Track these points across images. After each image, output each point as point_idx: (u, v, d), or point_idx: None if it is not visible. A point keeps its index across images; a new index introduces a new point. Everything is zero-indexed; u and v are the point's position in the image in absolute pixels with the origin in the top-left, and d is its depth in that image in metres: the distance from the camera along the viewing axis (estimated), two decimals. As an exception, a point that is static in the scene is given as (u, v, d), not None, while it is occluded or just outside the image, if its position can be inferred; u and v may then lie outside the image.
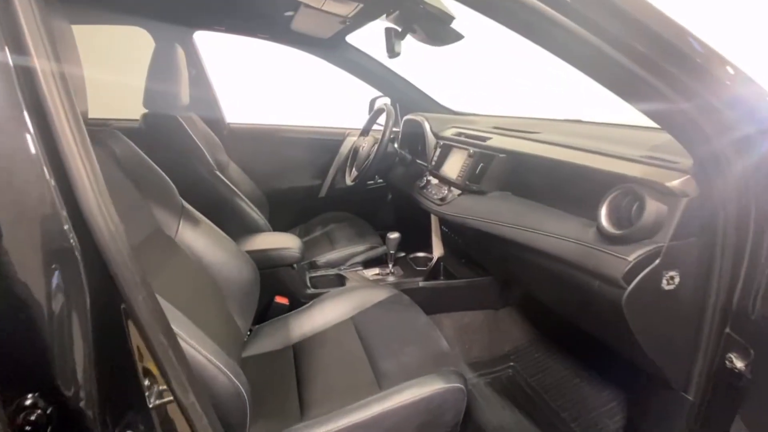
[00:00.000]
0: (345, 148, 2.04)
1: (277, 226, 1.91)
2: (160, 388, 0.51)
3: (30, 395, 0.38)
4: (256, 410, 0.80)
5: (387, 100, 2.01)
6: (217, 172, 1.36)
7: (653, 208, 0.74)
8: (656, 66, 0.61)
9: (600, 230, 0.82)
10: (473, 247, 1.42)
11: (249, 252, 1.19)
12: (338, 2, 1.14)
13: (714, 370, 0.81)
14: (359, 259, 1.56)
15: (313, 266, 1.55)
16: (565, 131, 1.23)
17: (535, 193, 1.06)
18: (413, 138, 1.80)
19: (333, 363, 1.02)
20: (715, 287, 0.76)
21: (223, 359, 0.69)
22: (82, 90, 0.65)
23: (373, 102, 2.05)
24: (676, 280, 0.76)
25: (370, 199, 2.13)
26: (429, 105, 2.00)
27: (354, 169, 1.73)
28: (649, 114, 0.70)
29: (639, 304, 0.77)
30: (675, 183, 0.73)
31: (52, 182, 0.40)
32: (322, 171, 2.09)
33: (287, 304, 1.27)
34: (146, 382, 0.49)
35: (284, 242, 1.30)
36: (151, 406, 0.49)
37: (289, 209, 2.01)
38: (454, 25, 1.16)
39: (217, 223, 1.16)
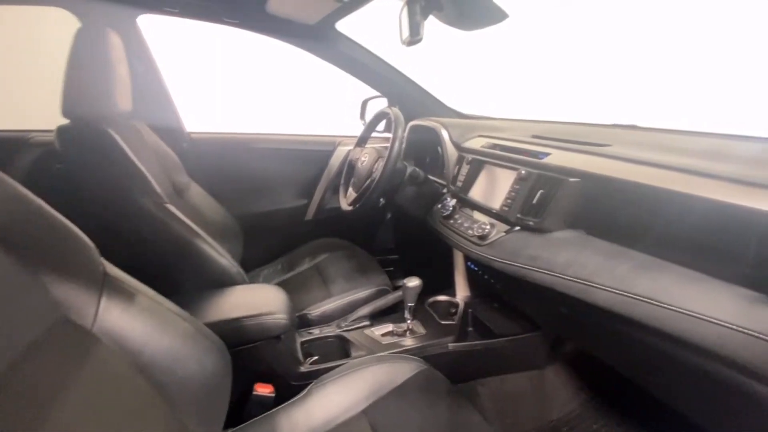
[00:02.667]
0: (336, 160, 1.68)
1: (254, 259, 1.54)
2: None
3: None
4: None
5: (384, 101, 1.67)
6: (168, 205, 0.98)
7: None
8: None
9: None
10: (517, 295, 1.09)
11: (214, 324, 0.82)
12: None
13: None
14: (365, 311, 1.20)
15: (304, 322, 1.19)
16: (641, 143, 0.91)
17: (631, 236, 0.74)
18: (422, 149, 1.47)
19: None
20: None
21: None
22: None
23: (365, 104, 1.70)
24: None
25: (369, 221, 1.78)
26: (436, 108, 1.67)
27: (351, 188, 1.38)
28: None
29: None
30: None
31: None
32: (308, 189, 1.72)
33: (272, 393, 0.90)
34: None
35: (266, 304, 0.94)
36: None
37: (268, 238, 1.63)
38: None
39: (169, 280, 0.80)
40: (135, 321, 0.67)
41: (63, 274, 0.60)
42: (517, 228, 0.90)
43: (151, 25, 1.33)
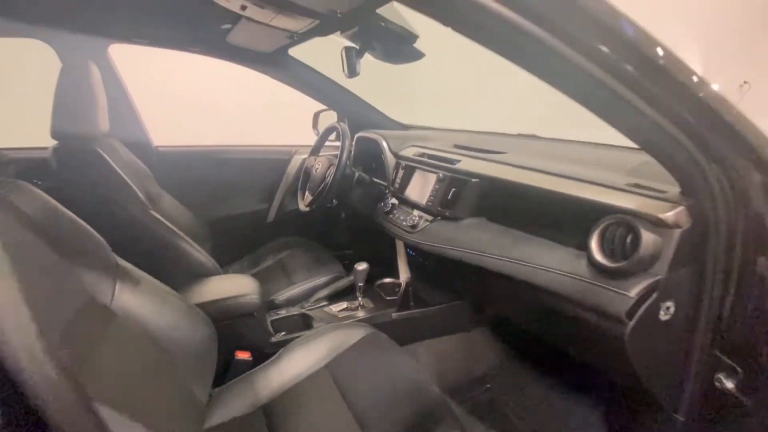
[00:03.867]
0: (293, 167, 1.90)
1: (222, 258, 1.71)
2: None
3: None
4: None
5: (334, 114, 1.90)
6: (152, 212, 1.16)
7: (650, 240, 0.73)
8: (648, 92, 0.58)
9: (593, 262, 0.79)
10: (444, 273, 1.36)
11: (200, 305, 1.02)
12: (289, 18, 1.02)
13: (704, 391, 0.82)
14: (323, 293, 1.44)
15: (272, 306, 1.40)
16: (533, 151, 1.21)
17: (514, 219, 1.03)
18: (367, 156, 1.72)
19: (312, 423, 0.91)
20: (706, 313, 0.77)
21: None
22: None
23: (317, 116, 1.93)
24: (672, 309, 0.75)
25: (324, 220, 2.00)
26: (378, 119, 1.92)
27: (308, 192, 1.60)
28: (640, 143, 0.68)
29: (639, 337, 0.75)
30: (669, 215, 0.72)
31: None
32: (269, 194, 1.93)
33: (250, 358, 1.12)
34: None
35: (240, 288, 1.15)
36: None
37: (234, 238, 1.82)
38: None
39: (158, 273, 0.99)
40: (142, 300, 0.87)
41: (88, 265, 0.80)
42: (438, 218, 1.17)
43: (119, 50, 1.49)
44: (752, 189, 0.66)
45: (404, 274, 1.52)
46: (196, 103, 2.30)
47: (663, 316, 0.75)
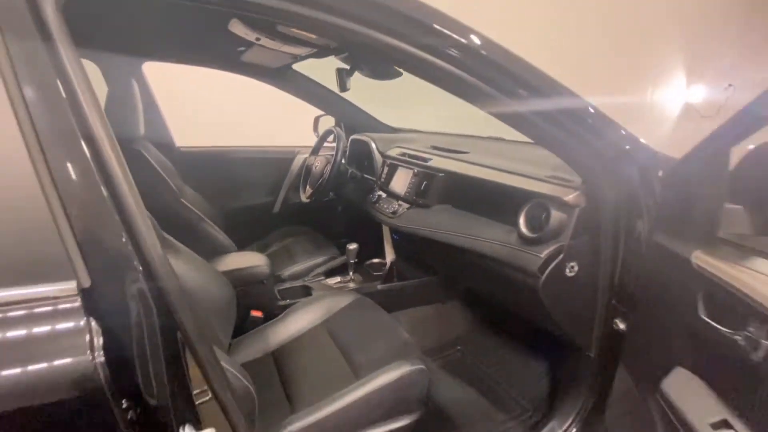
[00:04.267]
0: (296, 165, 2.17)
1: (236, 243, 2.00)
2: (202, 389, 0.64)
3: (124, 401, 0.51)
4: (253, 409, 0.94)
5: (331, 119, 2.17)
6: (182, 200, 1.44)
7: (557, 216, 1.00)
8: (550, 114, 0.85)
9: (519, 234, 1.07)
10: (421, 252, 1.64)
11: (222, 272, 1.30)
12: (293, 46, 1.29)
13: (606, 333, 1.09)
14: (321, 270, 1.71)
15: (279, 280, 1.68)
16: (491, 151, 1.48)
17: (469, 205, 1.30)
18: (360, 155, 1.99)
19: (312, 363, 1.18)
20: (602, 271, 1.03)
21: (235, 366, 0.82)
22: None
23: (317, 120, 2.20)
24: (576, 268, 1.02)
25: (323, 211, 2.27)
26: (370, 123, 2.19)
27: (308, 186, 1.88)
28: (548, 147, 0.95)
29: (550, 288, 1.02)
30: (570, 197, 0.99)
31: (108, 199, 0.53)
32: (275, 188, 2.20)
33: (261, 316, 1.39)
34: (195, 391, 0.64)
35: (252, 261, 1.42)
36: (198, 403, 0.63)
37: (245, 226, 2.09)
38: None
39: (188, 247, 1.26)
40: (181, 265, 1.14)
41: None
42: (414, 206, 1.45)
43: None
44: (626, 175, 0.93)
45: (390, 256, 1.79)
46: (215, 109, 2.59)
47: (569, 273, 1.02)
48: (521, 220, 1.07)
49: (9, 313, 0.46)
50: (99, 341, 0.49)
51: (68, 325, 0.47)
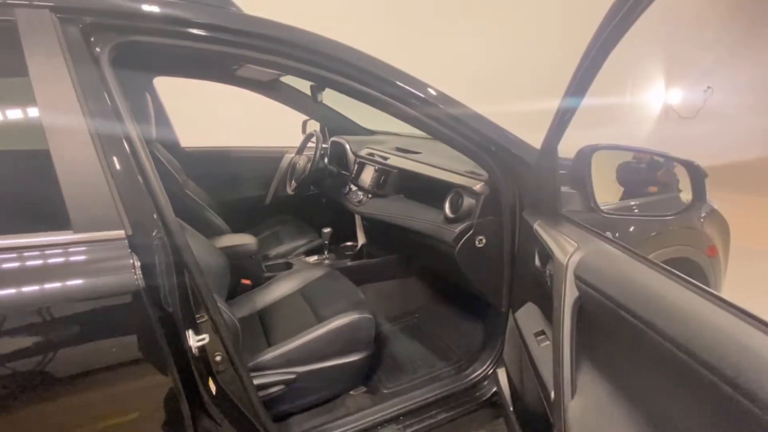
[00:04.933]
0: (284, 163, 2.51)
1: (232, 230, 2.34)
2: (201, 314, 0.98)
3: (153, 304, 0.85)
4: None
5: (316, 124, 2.50)
6: (187, 191, 1.77)
7: (468, 201, 1.33)
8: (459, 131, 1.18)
9: (445, 216, 1.40)
10: (383, 233, 1.97)
11: (218, 248, 1.63)
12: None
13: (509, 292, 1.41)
14: (302, 250, 2.05)
15: (266, 258, 2.01)
16: (437, 151, 1.81)
17: (414, 194, 1.64)
18: (338, 154, 2.32)
19: (288, 317, 1.51)
20: (505, 243, 1.35)
21: (223, 304, 1.16)
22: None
23: (305, 123, 2.53)
24: (483, 241, 1.35)
25: (307, 202, 2.60)
26: (350, 126, 2.52)
27: (294, 180, 2.21)
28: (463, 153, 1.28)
29: (464, 255, 1.34)
30: (477, 187, 1.32)
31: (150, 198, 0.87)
32: (266, 183, 2.54)
33: (250, 284, 1.72)
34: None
35: (243, 239, 1.76)
36: (198, 319, 0.96)
37: (240, 216, 2.43)
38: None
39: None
40: (188, 236, 1.47)
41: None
42: (374, 196, 1.78)
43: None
44: (515, 170, 1.25)
45: (361, 239, 2.13)
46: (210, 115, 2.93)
47: (478, 245, 1.35)
48: (446, 205, 1.40)
49: (91, 245, 0.79)
50: (138, 267, 0.82)
51: (122, 254, 0.80)
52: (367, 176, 1.86)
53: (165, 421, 0.90)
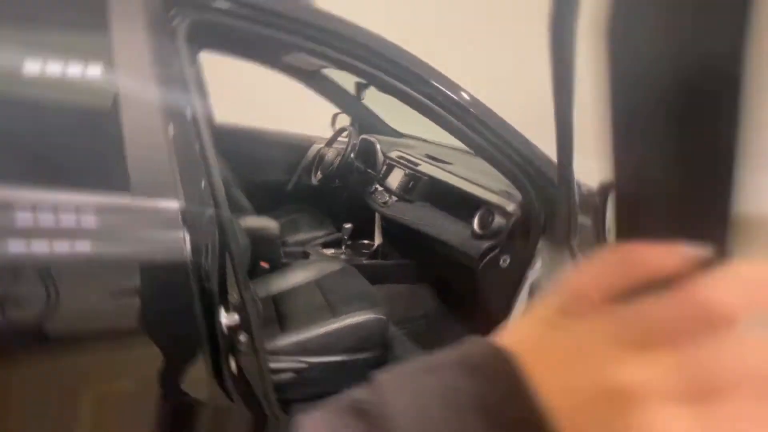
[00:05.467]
0: (311, 152, 2.53)
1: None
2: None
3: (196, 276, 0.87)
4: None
5: (347, 119, 2.52)
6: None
7: (499, 221, 1.35)
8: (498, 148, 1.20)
9: (472, 231, 1.42)
10: (402, 238, 1.99)
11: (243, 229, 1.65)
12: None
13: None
14: (320, 241, 2.07)
15: (285, 244, 2.04)
16: (470, 165, 1.83)
17: (442, 204, 1.65)
18: (366, 152, 2.34)
19: (303, 306, 1.53)
20: (528, 264, 1.37)
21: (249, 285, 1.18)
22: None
23: (335, 117, 2.55)
24: (508, 261, 1.37)
25: (329, 194, 2.62)
26: (380, 125, 2.53)
27: (320, 172, 2.24)
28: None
29: (486, 272, 1.36)
30: (510, 208, 1.34)
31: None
32: (289, 169, 2.56)
33: (268, 267, 1.75)
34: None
35: (265, 223, 1.78)
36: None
37: (259, 198, 2.44)
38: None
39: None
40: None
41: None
42: (401, 200, 1.80)
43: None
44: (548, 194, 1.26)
45: (378, 239, 2.15)
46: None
47: (502, 264, 1.36)
48: (475, 221, 1.42)
49: (146, 212, 0.82)
50: (187, 239, 0.84)
51: (175, 225, 0.83)
52: (396, 179, 1.88)
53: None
